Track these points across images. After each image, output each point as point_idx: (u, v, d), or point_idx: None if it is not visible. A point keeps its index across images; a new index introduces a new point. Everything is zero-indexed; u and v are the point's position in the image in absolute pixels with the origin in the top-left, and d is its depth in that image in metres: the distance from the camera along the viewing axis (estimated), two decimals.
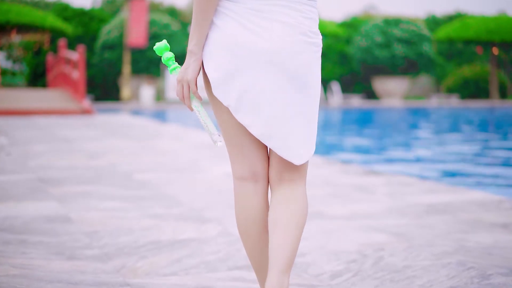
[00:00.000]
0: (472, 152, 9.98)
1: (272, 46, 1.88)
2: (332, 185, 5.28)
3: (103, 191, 4.96)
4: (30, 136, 9.86)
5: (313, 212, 4.18)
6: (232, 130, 2.01)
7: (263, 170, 2.06)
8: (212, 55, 1.93)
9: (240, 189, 2.07)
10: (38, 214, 4.09)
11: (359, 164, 7.52)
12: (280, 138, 1.95)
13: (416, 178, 5.75)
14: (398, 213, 4.16)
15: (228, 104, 1.93)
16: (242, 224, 2.08)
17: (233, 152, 2.06)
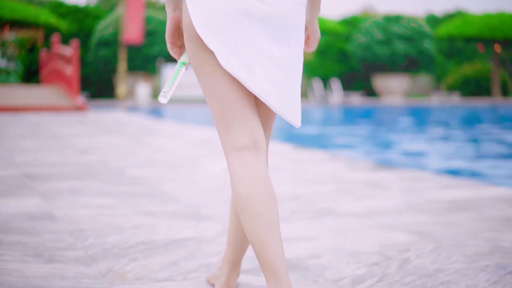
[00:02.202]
0: (483, 148, 9.61)
1: (275, 11, 1.81)
2: (340, 181, 4.88)
3: (92, 187, 4.56)
4: (19, 132, 9.44)
5: (322, 208, 3.79)
6: (230, 95, 1.85)
7: (263, 138, 1.89)
8: (209, 22, 1.80)
9: (240, 160, 1.85)
10: (19, 211, 3.69)
11: (366, 159, 7.12)
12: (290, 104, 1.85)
13: (430, 173, 5.35)
14: (416, 210, 3.76)
15: (237, 74, 1.80)
16: (247, 200, 1.82)
17: (227, 120, 1.86)
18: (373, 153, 9.14)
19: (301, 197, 4.15)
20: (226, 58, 1.79)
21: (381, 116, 19.93)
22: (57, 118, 12.95)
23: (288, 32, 1.84)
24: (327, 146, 10.04)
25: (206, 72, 1.87)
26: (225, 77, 1.85)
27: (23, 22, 24.88)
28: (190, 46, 1.89)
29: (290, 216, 3.59)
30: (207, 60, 1.85)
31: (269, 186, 1.85)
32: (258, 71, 1.81)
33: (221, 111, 1.87)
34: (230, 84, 1.85)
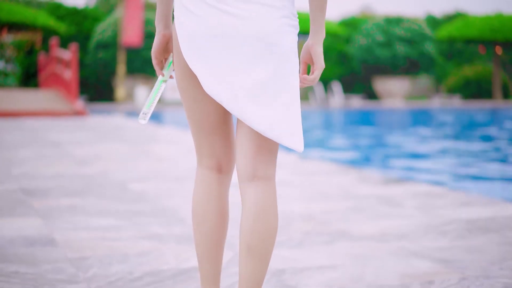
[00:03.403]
0: (494, 158, 9.42)
1: (255, 29, 1.80)
2: (352, 196, 4.69)
3: (93, 204, 4.36)
4: (16, 139, 9.24)
5: (336, 230, 3.60)
6: (205, 123, 1.98)
7: (229, 162, 2.05)
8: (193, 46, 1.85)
9: (203, 177, 2.04)
10: (17, 234, 3.49)
11: (377, 171, 6.93)
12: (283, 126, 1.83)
13: (444, 188, 5.16)
14: (436, 232, 3.57)
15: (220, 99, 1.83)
16: (200, 213, 2.04)
17: (201, 143, 2.03)
18: (381, 162, 8.95)
19: (313, 217, 3.96)
20: (209, 82, 1.84)
21: (383, 120, 19.75)
22: (56, 124, 12.75)
23: (271, 52, 1.83)
24: (332, 150, 9.85)
25: (188, 97, 1.97)
26: (204, 107, 1.96)
27: (21, 25, 24.66)
28: (177, 70, 1.97)
29: (304, 240, 3.40)
30: (190, 85, 1.95)
31: (222, 206, 2.04)
32: (241, 95, 1.82)
33: (194, 131, 2.02)
34: (208, 114, 1.97)
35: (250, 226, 1.90)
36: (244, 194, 1.92)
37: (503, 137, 13.01)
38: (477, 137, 12.87)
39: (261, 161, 1.91)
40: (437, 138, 12.71)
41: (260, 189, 1.90)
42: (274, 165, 1.94)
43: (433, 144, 11.44)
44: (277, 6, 1.83)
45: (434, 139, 12.40)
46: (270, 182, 1.92)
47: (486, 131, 14.59)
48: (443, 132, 14.47)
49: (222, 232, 2.08)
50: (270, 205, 1.90)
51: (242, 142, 1.92)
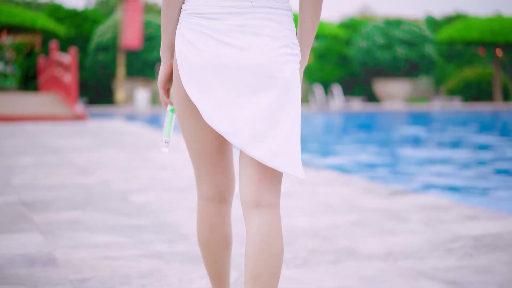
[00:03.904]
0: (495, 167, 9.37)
1: (258, 61, 1.83)
2: (356, 209, 4.63)
3: (94, 218, 4.30)
4: (16, 145, 9.18)
5: (342, 248, 3.53)
6: (205, 153, 2.02)
7: (229, 191, 2.10)
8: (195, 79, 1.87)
9: (203, 208, 2.11)
10: (18, 252, 3.43)
11: (380, 181, 6.87)
12: (283, 155, 1.85)
13: (449, 200, 5.10)
14: (443, 251, 3.51)
15: (221, 130, 1.86)
16: (204, 242, 2.14)
17: (201, 173, 2.07)
18: (382, 169, 8.90)
19: (318, 233, 3.90)
20: (210, 113, 1.85)
21: (384, 124, 19.69)
22: (56, 128, 12.69)
23: (271, 82, 1.84)
24: (333, 155, 9.81)
25: (186, 128, 2.00)
26: (204, 137, 1.99)
27: (20, 27, 24.59)
28: (177, 100, 1.98)
29: (309, 259, 3.34)
30: (190, 115, 1.97)
31: (225, 235, 2.14)
32: (242, 125, 1.84)
33: (196, 165, 2.06)
34: (207, 144, 2.00)
35: (256, 255, 1.89)
36: (249, 222, 1.91)
37: (505, 144, 12.95)
38: (478, 144, 12.82)
39: (265, 188, 1.90)
40: (438, 144, 12.66)
41: (264, 217, 1.90)
42: (279, 192, 1.94)
43: (433, 151, 11.39)
44: (277, 36, 1.85)
45: (434, 146, 12.34)
46: (275, 209, 1.91)
47: (487, 137, 14.54)
48: (443, 137, 14.42)
49: (226, 257, 2.19)
50: (275, 233, 1.90)
51: (245, 170, 1.92)
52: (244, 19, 1.85)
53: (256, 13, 1.85)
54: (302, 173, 1.88)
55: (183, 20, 1.92)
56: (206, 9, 1.87)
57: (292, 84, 1.88)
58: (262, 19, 1.86)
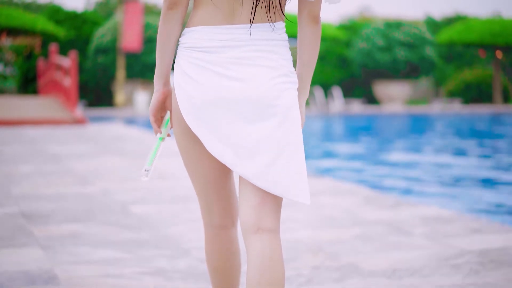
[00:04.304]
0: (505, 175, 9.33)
1: (257, 92, 1.87)
2: (360, 222, 4.59)
3: (95, 232, 4.26)
4: (16, 152, 9.14)
5: (347, 265, 3.50)
6: (210, 181, 2.04)
7: (236, 215, 2.13)
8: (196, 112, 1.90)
9: (216, 237, 2.13)
10: (18, 269, 3.39)
11: (382, 189, 6.82)
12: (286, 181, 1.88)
13: (452, 211, 5.06)
14: (448, 267, 3.47)
15: (224, 160, 1.89)
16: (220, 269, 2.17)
17: (208, 202, 2.09)
18: (383, 175, 8.86)
19: (322, 248, 3.86)
20: (212, 143, 1.89)
21: (384, 128, 19.66)
22: (56, 133, 12.65)
23: (271, 111, 1.88)
24: (334, 160, 9.78)
25: (188, 157, 2.02)
26: (207, 163, 2.01)
27: (20, 29, 24.55)
28: (178, 131, 2.01)
29: (313, 276, 3.30)
30: (192, 147, 2.00)
31: (238, 257, 2.19)
32: (243, 154, 1.87)
33: (200, 192, 2.08)
34: (211, 172, 2.03)
35: (257, 279, 1.90)
36: (249, 246, 1.94)
37: (506, 149, 12.92)
38: (479, 149, 12.79)
39: (265, 213, 1.93)
40: (438, 150, 12.62)
41: (265, 242, 1.92)
42: (279, 216, 1.97)
43: (433, 157, 11.35)
44: (274, 66, 1.90)
45: (434, 151, 12.31)
46: (275, 234, 1.94)
47: (488, 143, 14.51)
48: (443, 143, 14.39)
49: (239, 277, 2.25)
50: (276, 258, 1.92)
51: (245, 195, 1.94)
52: (240, 52, 1.89)
53: (252, 46, 1.90)
54: (308, 199, 1.91)
55: (181, 53, 1.96)
56: (203, 43, 1.91)
57: (292, 110, 1.91)
58: (258, 51, 1.90)
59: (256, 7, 1.89)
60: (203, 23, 1.92)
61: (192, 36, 1.93)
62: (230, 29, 1.90)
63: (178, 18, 1.97)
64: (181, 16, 1.97)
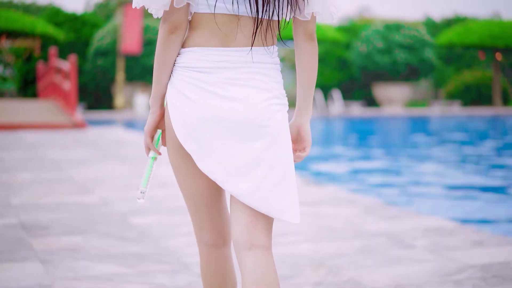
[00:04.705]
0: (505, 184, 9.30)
1: (250, 113, 1.92)
2: (361, 234, 4.56)
3: (95, 245, 4.23)
4: (15, 158, 9.11)
5: (349, 281, 3.47)
6: (202, 198, 2.06)
7: (227, 234, 2.15)
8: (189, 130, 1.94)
9: (210, 255, 2.14)
10: (17, 285, 3.36)
11: (382, 197, 6.80)
12: (276, 201, 1.93)
13: (453, 222, 5.04)
14: (451, 282, 3.45)
15: (215, 177, 1.94)
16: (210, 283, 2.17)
17: (200, 219, 2.10)
18: (384, 183, 8.83)
19: (323, 262, 3.83)
20: (203, 162, 1.94)
21: (384, 131, 19.64)
22: (55, 138, 12.62)
23: (262, 132, 1.93)
24: (334, 165, 9.76)
25: (183, 177, 2.05)
26: (199, 181, 2.04)
27: (19, 32, 24.52)
28: (171, 149, 2.03)
29: None
30: (184, 165, 2.02)
31: (234, 275, 2.19)
32: (235, 173, 1.92)
33: (193, 210, 2.10)
34: (203, 189, 2.05)
35: None
36: (242, 263, 1.96)
37: (507, 154, 12.89)
38: (478, 156, 12.76)
39: (257, 230, 1.97)
40: (438, 156, 12.60)
41: (258, 258, 1.95)
42: (270, 233, 2.01)
43: (433, 164, 11.33)
44: (267, 88, 1.95)
45: (434, 158, 12.28)
46: (268, 250, 1.97)
47: (489, 147, 14.49)
48: (444, 148, 14.37)
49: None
50: (270, 273, 1.94)
51: (237, 213, 1.98)
52: (235, 73, 1.94)
53: (246, 68, 1.95)
54: (297, 218, 1.95)
55: (176, 73, 1.99)
56: (199, 63, 1.95)
57: (283, 131, 1.97)
58: (252, 73, 1.95)
59: (256, 32, 1.95)
60: (199, 45, 1.97)
61: (189, 56, 1.97)
62: (226, 51, 1.95)
63: (179, 42, 2.00)
64: (181, 39, 2.00)
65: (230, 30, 1.95)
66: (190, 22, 2.00)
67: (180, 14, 1.96)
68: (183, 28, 1.98)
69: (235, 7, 1.92)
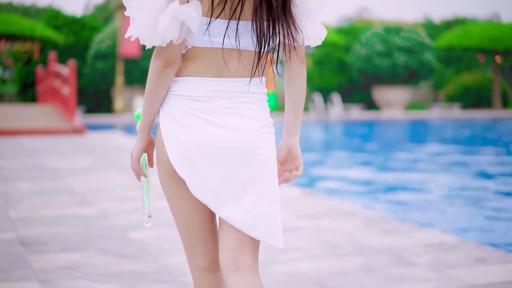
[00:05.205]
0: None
1: (244, 141, 2.00)
2: (362, 250, 4.53)
3: (94, 263, 4.19)
4: (15, 166, 9.08)
5: None
6: (194, 221, 2.09)
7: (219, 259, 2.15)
8: (184, 156, 1.99)
9: (203, 281, 2.16)
10: None
11: (382, 212, 6.76)
12: (264, 225, 2.01)
13: (455, 237, 5.00)
14: None
15: (207, 202, 2.00)
16: None
17: (192, 243, 2.13)
18: (385, 192, 8.80)
19: (324, 282, 3.80)
20: (197, 187, 1.99)
21: (383, 136, 19.61)
22: (54, 144, 12.60)
23: (253, 159, 2.01)
24: (334, 170, 9.73)
25: (175, 201, 2.09)
26: (191, 205, 2.07)
27: (19, 36, 24.49)
28: (163, 175, 2.07)
29: None
30: (177, 189, 2.06)
31: None
32: (226, 197, 1.99)
33: (185, 236, 2.12)
34: (195, 213, 2.08)
35: None
36: (230, 284, 2.02)
37: (508, 162, 12.86)
38: (479, 164, 12.74)
39: (244, 253, 2.04)
40: (438, 165, 12.57)
41: (245, 278, 2.01)
42: (257, 254, 2.08)
43: (433, 173, 11.30)
44: (258, 117, 2.04)
45: (434, 166, 12.25)
46: (254, 270, 2.04)
47: (489, 153, 14.47)
48: (444, 155, 14.35)
49: None
50: None
51: (225, 236, 2.05)
52: (228, 103, 2.01)
53: (237, 97, 2.02)
54: (281, 242, 2.04)
55: (170, 100, 2.03)
56: (193, 92, 2.00)
57: (271, 158, 2.06)
58: (244, 102, 2.02)
59: (257, 64, 2.03)
60: (195, 75, 2.02)
61: (183, 85, 2.02)
62: (221, 81, 2.01)
63: (172, 75, 2.03)
64: (174, 72, 2.03)
65: (227, 61, 2.02)
66: (185, 53, 2.03)
67: (176, 49, 1.98)
68: (178, 62, 2.01)
69: (237, 43, 1.99)
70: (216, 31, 1.98)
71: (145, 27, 1.94)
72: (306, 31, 2.07)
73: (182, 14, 1.92)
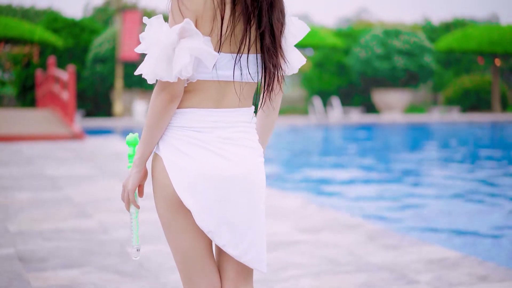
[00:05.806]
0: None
1: (244, 171, 2.06)
2: (363, 267, 4.49)
3: (92, 281, 4.16)
4: (14, 175, 9.05)
5: None
6: (196, 250, 2.11)
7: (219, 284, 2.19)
8: (189, 185, 2.02)
9: None
10: None
11: (383, 224, 6.74)
12: (254, 251, 2.10)
13: (456, 252, 4.97)
14: None
15: (209, 231, 2.05)
16: None
17: (191, 274, 2.13)
18: (385, 201, 8.78)
19: None
20: (201, 216, 2.03)
21: (383, 140, 19.58)
22: (53, 150, 12.56)
23: (251, 187, 2.08)
24: (334, 175, 9.70)
25: (174, 230, 2.10)
26: (191, 235, 2.09)
27: (18, 39, 24.46)
28: (164, 206, 2.08)
29: None
30: (179, 217, 2.08)
31: None
32: (224, 225, 2.05)
33: (183, 266, 2.13)
34: (194, 243, 2.10)
35: None
36: None
37: (506, 170, 12.84)
38: (480, 170, 12.72)
39: (242, 281, 2.16)
40: (438, 173, 12.55)
41: None
42: (252, 279, 2.20)
43: (433, 182, 11.28)
44: (253, 146, 2.12)
45: (434, 174, 12.23)
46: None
47: (490, 158, 14.44)
48: (443, 161, 14.33)
49: None
50: None
51: (223, 265, 2.16)
52: (226, 133, 2.07)
53: (235, 127, 2.08)
54: (265, 268, 2.14)
55: (172, 132, 2.06)
56: (194, 123, 2.05)
57: (263, 189, 2.15)
58: (240, 132, 2.09)
59: (264, 96, 2.14)
60: (195, 106, 2.06)
61: (184, 117, 2.05)
62: (220, 112, 2.07)
63: (175, 108, 2.06)
64: (177, 105, 2.05)
65: (226, 92, 2.07)
66: (187, 86, 2.06)
67: (181, 84, 2.02)
68: (181, 96, 2.04)
69: (248, 76, 2.08)
70: (220, 64, 2.02)
71: (158, 64, 1.95)
72: (291, 61, 2.16)
73: (200, 52, 1.95)
